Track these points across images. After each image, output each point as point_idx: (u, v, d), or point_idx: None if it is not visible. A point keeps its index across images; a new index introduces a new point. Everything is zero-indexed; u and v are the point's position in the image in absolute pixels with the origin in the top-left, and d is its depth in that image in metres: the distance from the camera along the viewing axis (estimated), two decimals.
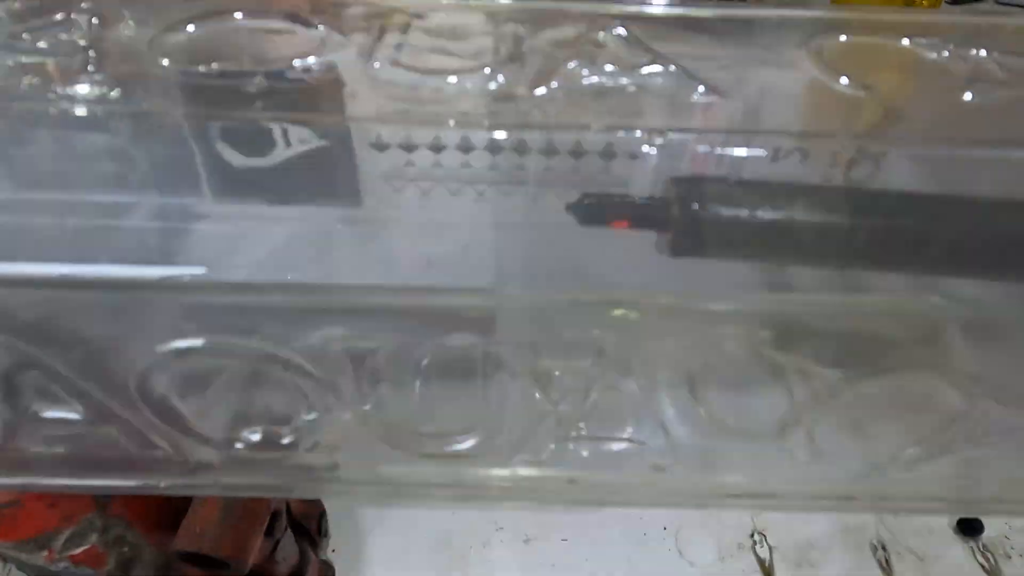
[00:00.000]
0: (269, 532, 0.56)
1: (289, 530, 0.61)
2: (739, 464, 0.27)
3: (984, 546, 0.73)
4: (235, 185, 0.31)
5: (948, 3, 4.09)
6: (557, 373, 0.29)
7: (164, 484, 0.30)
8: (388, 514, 0.77)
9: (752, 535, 0.75)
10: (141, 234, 0.28)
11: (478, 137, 0.29)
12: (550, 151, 0.31)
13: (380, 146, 0.31)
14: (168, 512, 0.51)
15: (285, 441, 0.26)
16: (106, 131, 0.29)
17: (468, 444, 0.26)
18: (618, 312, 0.28)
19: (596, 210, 0.32)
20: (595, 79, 0.26)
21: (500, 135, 0.29)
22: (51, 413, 0.25)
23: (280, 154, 0.30)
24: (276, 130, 0.30)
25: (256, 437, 0.26)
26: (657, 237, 0.31)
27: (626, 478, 0.28)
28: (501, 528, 0.77)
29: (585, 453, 0.27)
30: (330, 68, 0.26)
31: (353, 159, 0.32)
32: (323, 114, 0.31)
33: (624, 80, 0.26)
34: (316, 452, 0.26)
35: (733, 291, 0.30)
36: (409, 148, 0.31)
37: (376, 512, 0.76)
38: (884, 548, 0.73)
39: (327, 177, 0.32)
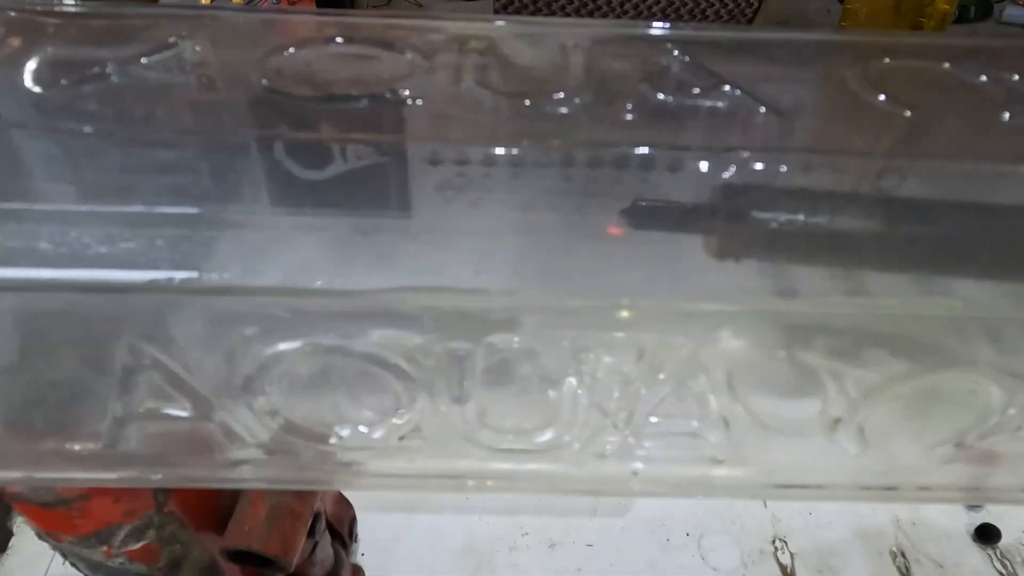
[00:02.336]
0: (311, 533, 0.58)
1: (327, 532, 0.63)
2: (790, 457, 0.29)
3: (1002, 553, 0.75)
4: (294, 195, 0.33)
5: (951, 23, 4.10)
6: (611, 372, 0.31)
7: (226, 477, 0.31)
8: (415, 519, 0.78)
9: (774, 541, 0.76)
10: (210, 242, 0.30)
11: (528, 152, 0.31)
12: (594, 163, 0.33)
13: (434, 161, 0.34)
14: (217, 511, 0.53)
15: (376, 436, 0.28)
16: (179, 147, 0.32)
17: (545, 438, 0.28)
18: (624, 314, 0.30)
19: (648, 215, 0.34)
20: (666, 99, 0.28)
21: (548, 150, 0.31)
22: (163, 410, 0.26)
23: (338, 168, 0.32)
24: (336, 146, 0.32)
25: (346, 432, 0.28)
26: (704, 240, 0.33)
27: (686, 473, 0.29)
28: (527, 533, 0.78)
29: (648, 445, 0.29)
30: (422, 92, 0.28)
31: (407, 171, 0.34)
32: (385, 134, 0.33)
33: (690, 102, 0.28)
34: (402, 447, 0.28)
35: (766, 296, 0.32)
36: (462, 162, 0.33)
37: (404, 517, 0.78)
38: (903, 555, 0.74)
39: (380, 188, 0.34)
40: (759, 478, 0.30)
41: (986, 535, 0.75)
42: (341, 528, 0.70)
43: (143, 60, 0.28)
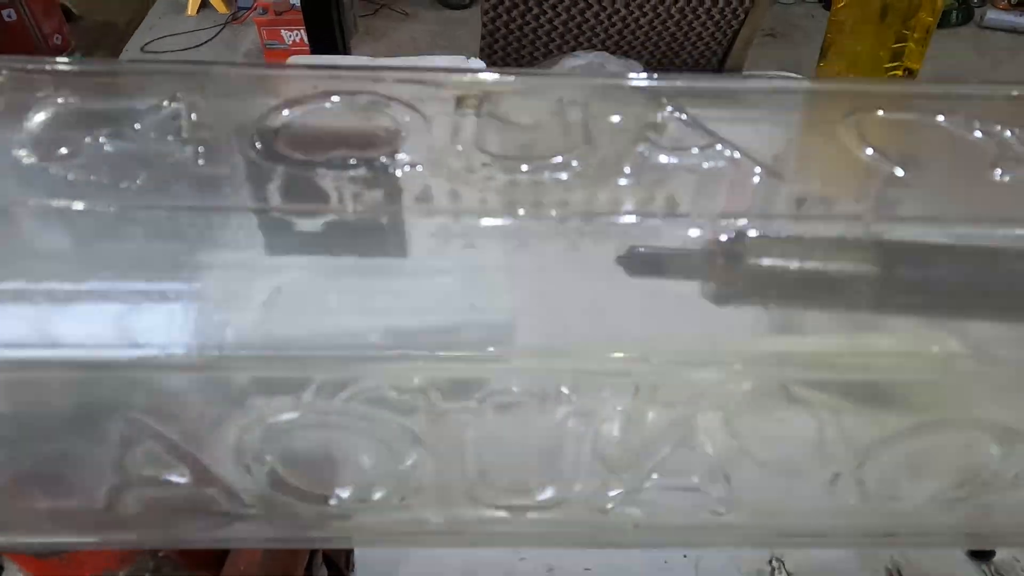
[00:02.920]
0: (308, 569, 0.57)
1: (324, 566, 0.63)
2: (791, 507, 0.29)
3: (996, 569, 0.75)
4: (291, 243, 0.33)
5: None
6: (612, 423, 0.31)
7: (224, 537, 0.31)
8: (412, 548, 0.78)
9: (771, 561, 0.77)
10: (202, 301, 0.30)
11: (524, 221, 0.31)
12: (590, 212, 0.33)
13: (431, 212, 0.34)
14: (213, 552, 0.52)
15: (376, 497, 0.28)
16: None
17: (546, 495, 0.28)
18: (625, 360, 0.30)
19: (645, 262, 0.34)
20: (662, 160, 0.28)
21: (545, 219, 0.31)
22: (161, 476, 0.26)
23: (333, 231, 0.32)
24: (334, 195, 0.32)
25: (347, 494, 0.28)
26: (702, 286, 0.34)
27: (689, 522, 0.29)
28: (524, 559, 0.78)
29: (649, 500, 0.29)
30: (419, 156, 0.28)
31: (402, 218, 0.34)
32: (379, 200, 0.33)
33: (686, 161, 0.29)
34: (404, 505, 0.28)
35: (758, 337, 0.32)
36: (456, 213, 0.33)
37: (401, 547, 0.77)
38: (899, 573, 0.75)
39: (376, 234, 0.34)
40: (760, 529, 0.30)
41: (980, 552, 0.76)
42: (338, 560, 0.69)
43: (135, 126, 0.28)
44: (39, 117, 0.28)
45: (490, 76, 0.32)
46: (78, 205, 0.26)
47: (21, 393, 0.24)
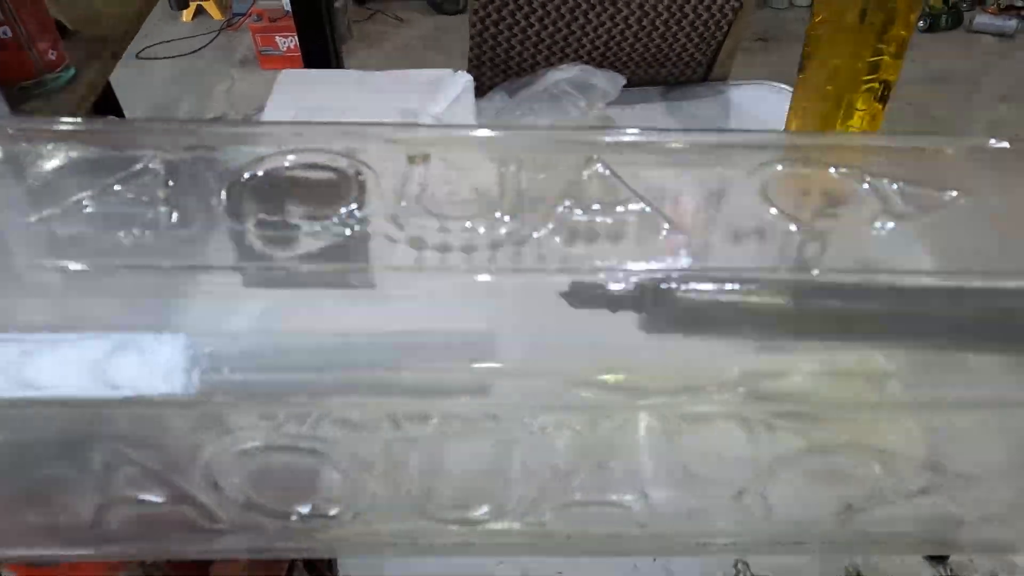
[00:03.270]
0: (289, 573, 0.60)
1: (305, 571, 0.66)
2: (709, 518, 0.33)
3: (951, 569, 0.79)
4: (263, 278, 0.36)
5: (921, 31, 4.20)
6: (554, 439, 0.34)
7: (217, 548, 0.34)
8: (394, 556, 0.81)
9: (736, 564, 0.80)
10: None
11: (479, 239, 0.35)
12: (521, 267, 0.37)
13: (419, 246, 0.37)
14: (200, 560, 0.55)
15: (331, 513, 0.31)
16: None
17: (481, 512, 0.31)
18: (610, 377, 0.34)
19: (585, 295, 0.38)
20: (582, 218, 0.32)
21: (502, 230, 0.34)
22: (139, 496, 0.30)
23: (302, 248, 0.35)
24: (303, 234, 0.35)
25: (307, 510, 0.31)
26: (638, 318, 0.37)
27: (617, 533, 0.33)
28: (502, 562, 0.81)
29: (580, 514, 0.32)
30: (368, 215, 0.32)
31: (368, 252, 0.37)
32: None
33: (606, 219, 0.32)
34: (356, 522, 0.31)
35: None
36: (427, 248, 0.36)
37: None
38: (859, 574, 0.78)
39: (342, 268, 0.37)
40: (679, 539, 0.33)
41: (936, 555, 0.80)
42: (320, 566, 0.73)
43: (115, 187, 0.31)
44: (29, 180, 0.31)
45: (440, 132, 0.35)
46: (59, 263, 0.29)
47: (17, 427, 0.28)
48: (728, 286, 0.34)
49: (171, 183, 0.32)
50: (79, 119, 0.36)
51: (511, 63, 1.70)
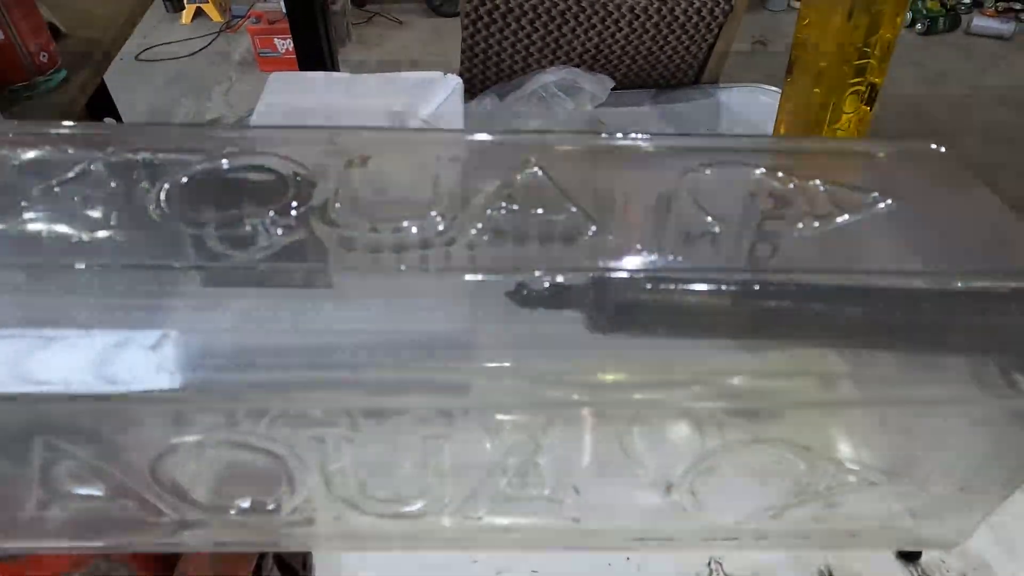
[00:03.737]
0: (257, 572, 0.61)
1: (276, 568, 0.66)
2: (641, 512, 0.33)
3: (922, 570, 0.79)
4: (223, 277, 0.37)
5: (919, 34, 4.18)
6: (497, 434, 0.35)
7: (164, 542, 0.35)
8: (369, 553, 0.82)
9: (709, 563, 0.80)
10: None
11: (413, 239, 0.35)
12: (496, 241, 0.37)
13: (348, 246, 0.37)
14: (164, 555, 0.56)
15: (270, 507, 0.32)
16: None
17: (416, 507, 0.32)
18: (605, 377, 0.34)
19: (530, 296, 0.38)
20: (514, 222, 0.32)
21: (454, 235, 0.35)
22: (79, 490, 0.30)
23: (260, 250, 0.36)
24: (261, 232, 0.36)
25: (246, 504, 0.32)
26: (583, 317, 0.38)
27: (552, 527, 0.33)
28: (476, 561, 0.82)
29: (514, 508, 0.33)
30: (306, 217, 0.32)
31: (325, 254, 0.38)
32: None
33: (538, 220, 0.33)
34: (295, 515, 0.32)
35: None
36: (376, 249, 0.37)
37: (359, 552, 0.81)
38: (831, 574, 0.79)
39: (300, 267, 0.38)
40: (615, 533, 0.34)
41: (907, 553, 0.80)
42: (294, 562, 0.73)
43: (56, 189, 0.32)
44: None
45: (376, 135, 0.36)
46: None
47: None
48: (671, 286, 0.35)
49: (112, 184, 0.32)
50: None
51: (503, 66, 1.70)
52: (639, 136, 0.36)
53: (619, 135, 0.39)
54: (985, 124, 3.01)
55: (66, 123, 0.33)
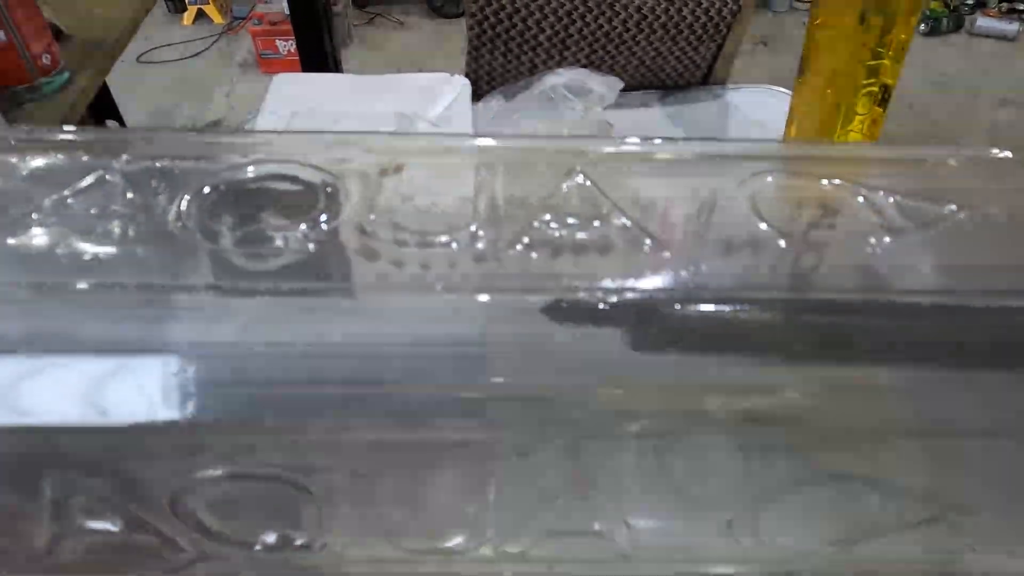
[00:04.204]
0: None
1: None
2: (692, 549, 0.31)
3: None
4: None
5: (922, 35, 4.17)
6: (536, 462, 0.33)
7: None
8: None
9: None
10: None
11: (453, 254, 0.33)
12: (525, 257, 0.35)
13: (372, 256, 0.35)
14: None
15: (297, 543, 0.30)
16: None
17: (456, 541, 0.30)
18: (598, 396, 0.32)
19: (567, 312, 0.36)
20: (560, 233, 0.30)
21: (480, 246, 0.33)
22: (94, 525, 0.28)
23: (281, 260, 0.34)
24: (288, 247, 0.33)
25: (272, 540, 0.30)
26: (622, 335, 0.36)
27: (598, 565, 0.31)
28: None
29: (559, 545, 0.31)
30: (328, 233, 0.30)
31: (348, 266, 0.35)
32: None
33: (584, 234, 0.30)
34: (325, 552, 0.30)
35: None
36: (399, 264, 0.35)
37: None
38: None
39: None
40: (665, 569, 0.32)
41: None
42: None
43: (69, 200, 0.29)
44: None
45: (413, 142, 0.33)
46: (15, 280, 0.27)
47: None
48: (720, 304, 0.33)
49: (129, 195, 0.30)
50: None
51: (509, 67, 1.69)
52: (683, 141, 0.33)
53: (658, 140, 0.36)
54: (989, 125, 2.99)
55: (67, 128, 0.31)
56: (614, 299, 0.29)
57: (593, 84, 1.43)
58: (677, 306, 0.34)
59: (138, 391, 0.27)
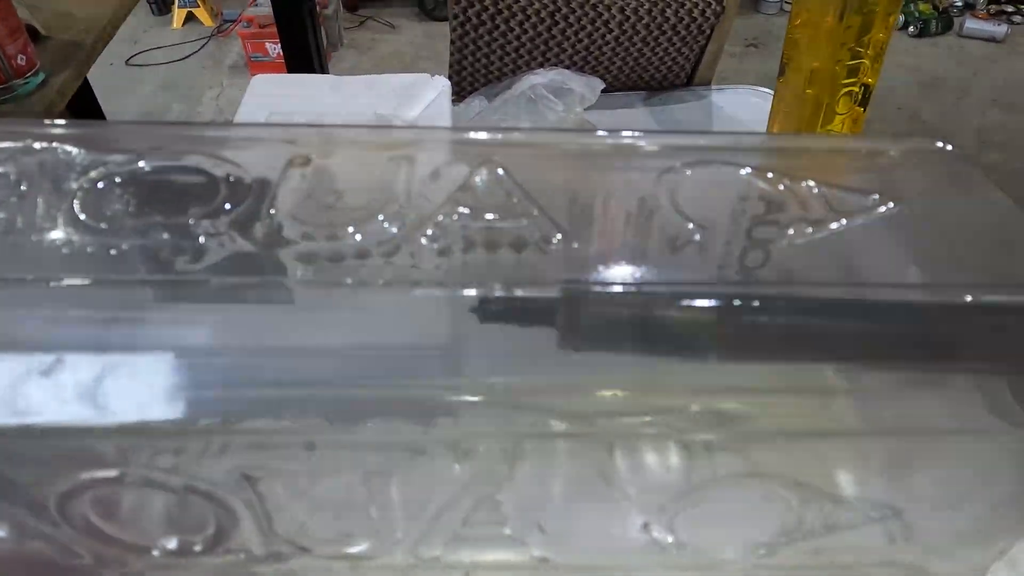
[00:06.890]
0: None
1: None
2: (610, 552, 0.30)
3: None
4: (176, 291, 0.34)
5: (911, 36, 4.19)
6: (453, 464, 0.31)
7: None
8: None
9: None
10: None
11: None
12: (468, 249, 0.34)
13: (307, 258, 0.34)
14: None
15: (197, 548, 0.28)
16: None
17: (364, 547, 0.29)
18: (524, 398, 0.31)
19: (495, 311, 0.35)
20: (474, 225, 0.29)
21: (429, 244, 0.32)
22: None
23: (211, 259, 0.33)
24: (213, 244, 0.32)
25: (172, 545, 0.28)
26: (553, 333, 0.34)
27: (517, 569, 0.30)
28: None
29: (473, 548, 0.30)
30: (224, 226, 0.29)
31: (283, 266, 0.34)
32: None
33: (499, 226, 0.29)
34: (227, 557, 0.29)
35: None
36: (336, 259, 0.34)
37: None
38: None
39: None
40: (584, 571, 0.31)
41: None
42: None
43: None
44: None
45: (322, 133, 0.32)
46: None
47: None
48: (649, 299, 0.32)
49: (23, 187, 0.29)
50: None
51: (492, 68, 1.68)
52: (616, 134, 0.32)
53: (598, 133, 0.35)
54: (978, 126, 2.99)
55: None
56: (529, 295, 0.28)
57: (574, 84, 1.42)
58: (607, 303, 0.33)
59: (28, 392, 0.26)
